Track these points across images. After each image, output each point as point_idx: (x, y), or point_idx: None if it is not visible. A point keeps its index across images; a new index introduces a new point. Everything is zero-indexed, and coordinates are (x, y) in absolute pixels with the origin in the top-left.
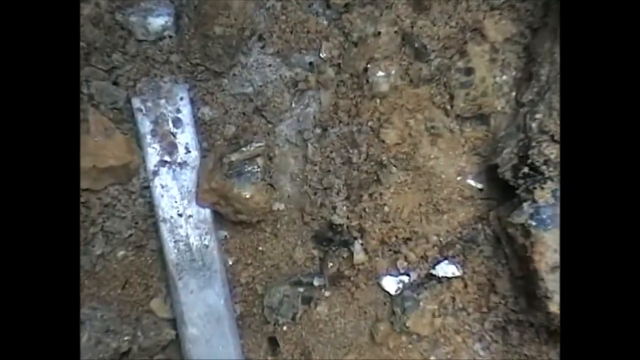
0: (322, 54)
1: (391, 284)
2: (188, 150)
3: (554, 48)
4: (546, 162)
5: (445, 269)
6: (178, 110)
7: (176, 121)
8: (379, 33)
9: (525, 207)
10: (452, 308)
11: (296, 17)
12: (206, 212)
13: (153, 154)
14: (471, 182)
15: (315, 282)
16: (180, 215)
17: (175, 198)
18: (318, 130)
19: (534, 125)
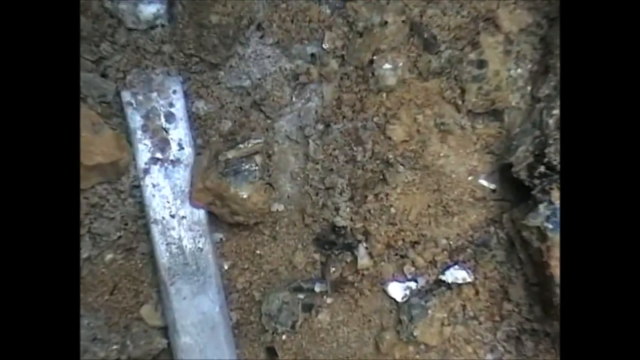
0: (325, 45)
1: (397, 290)
2: (181, 147)
3: None
4: None
5: (456, 274)
6: (171, 104)
7: (169, 116)
8: (385, 22)
9: (542, 208)
10: (462, 316)
11: (297, 5)
12: (200, 213)
13: (144, 150)
14: (483, 182)
15: (317, 288)
16: (172, 216)
17: (168, 198)
18: (320, 126)
19: (551, 122)
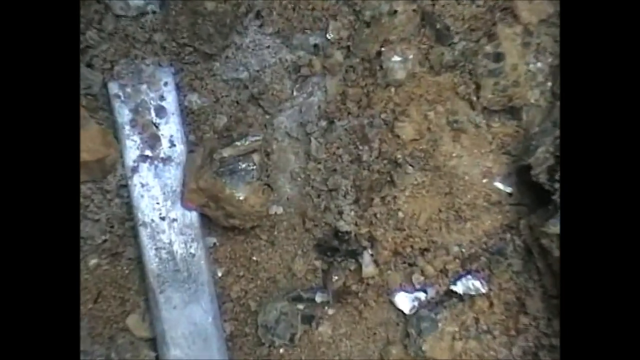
0: (329, 35)
1: (405, 301)
2: (173, 144)
3: None
4: None
5: (468, 285)
6: (162, 98)
7: (159, 110)
8: (395, 11)
9: None
10: (475, 330)
11: None
12: (193, 216)
13: (132, 147)
14: (499, 185)
15: (318, 298)
16: (162, 218)
17: (157, 199)
18: (323, 122)
19: None
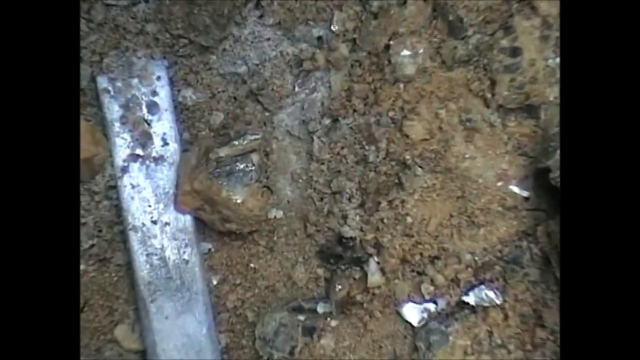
0: (334, 27)
1: (414, 313)
2: (165, 143)
3: None
4: None
5: (481, 295)
6: (154, 93)
7: (151, 106)
8: (404, 2)
9: None
10: (488, 344)
11: None
12: (186, 220)
13: (122, 145)
14: (515, 188)
15: (320, 309)
16: (154, 222)
17: (149, 201)
18: (326, 120)
19: None
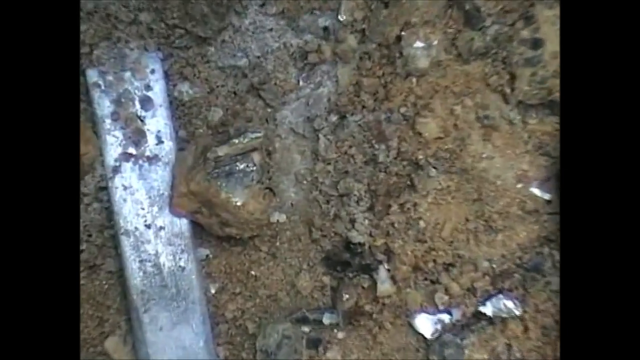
0: (341, 16)
1: (427, 324)
2: (160, 141)
3: None
4: None
5: (500, 306)
6: (148, 87)
7: (145, 101)
8: None
9: None
10: (507, 358)
11: None
12: (182, 224)
13: (114, 144)
14: (536, 191)
15: (326, 320)
16: (148, 226)
17: (142, 204)
18: (333, 117)
19: None
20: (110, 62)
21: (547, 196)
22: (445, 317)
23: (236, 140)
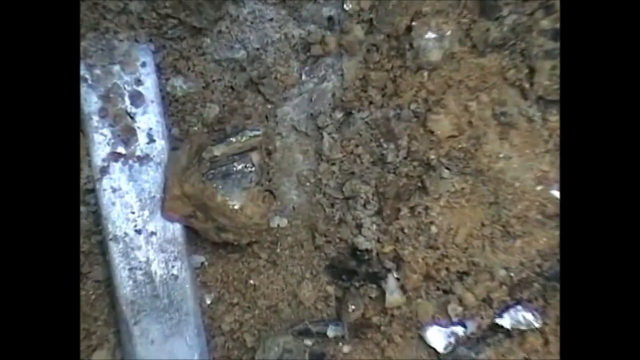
0: (347, 5)
1: (439, 337)
2: (151, 139)
3: None
4: None
5: (518, 317)
6: (138, 82)
7: (135, 97)
8: None
9: None
10: None
11: None
12: (176, 229)
13: (102, 143)
14: (556, 193)
15: (330, 333)
16: (138, 231)
17: (132, 207)
18: (338, 114)
19: None
20: (98, 54)
21: None
22: (459, 330)
23: (233, 139)
